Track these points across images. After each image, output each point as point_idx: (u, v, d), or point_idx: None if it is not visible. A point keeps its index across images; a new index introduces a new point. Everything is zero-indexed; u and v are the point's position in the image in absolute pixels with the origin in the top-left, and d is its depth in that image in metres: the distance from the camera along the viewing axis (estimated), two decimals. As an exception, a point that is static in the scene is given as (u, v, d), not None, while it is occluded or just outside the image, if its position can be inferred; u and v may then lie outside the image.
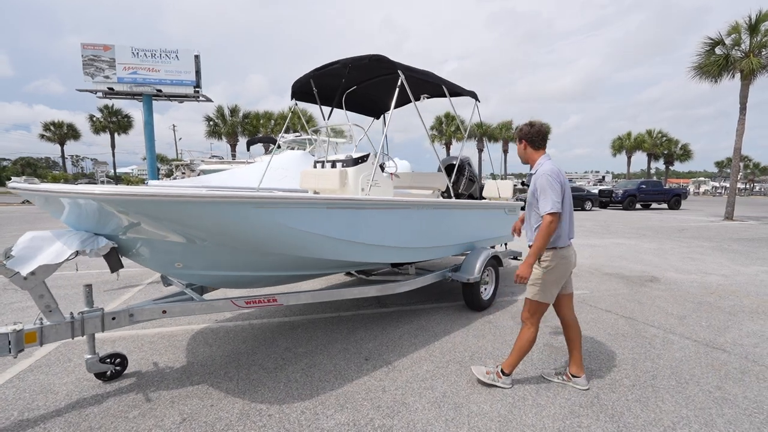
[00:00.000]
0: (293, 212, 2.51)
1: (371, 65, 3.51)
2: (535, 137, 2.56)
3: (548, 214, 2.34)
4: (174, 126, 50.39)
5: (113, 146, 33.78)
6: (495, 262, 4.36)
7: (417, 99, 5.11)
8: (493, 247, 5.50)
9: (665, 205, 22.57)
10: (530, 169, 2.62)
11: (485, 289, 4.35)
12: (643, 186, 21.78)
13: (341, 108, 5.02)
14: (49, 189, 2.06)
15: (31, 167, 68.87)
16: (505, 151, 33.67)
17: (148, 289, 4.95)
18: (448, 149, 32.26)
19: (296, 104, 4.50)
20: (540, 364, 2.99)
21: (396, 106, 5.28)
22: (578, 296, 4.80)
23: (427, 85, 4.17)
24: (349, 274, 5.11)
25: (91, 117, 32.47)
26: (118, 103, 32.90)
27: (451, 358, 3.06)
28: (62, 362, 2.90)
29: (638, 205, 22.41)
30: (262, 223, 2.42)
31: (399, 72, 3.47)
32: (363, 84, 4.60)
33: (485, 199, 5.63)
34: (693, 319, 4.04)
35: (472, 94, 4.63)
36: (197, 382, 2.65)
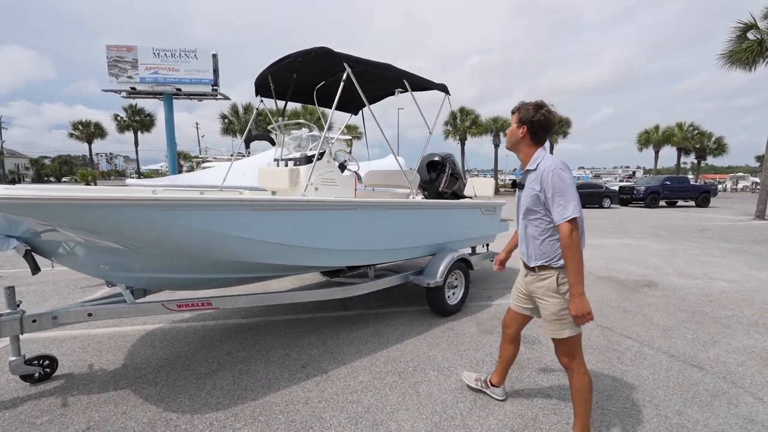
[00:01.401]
0: (208, 215, 2.40)
1: (319, 58, 3.35)
2: (540, 128, 1.95)
3: (569, 221, 1.78)
4: (197, 124, 51.86)
5: (136, 144, 35.15)
6: (463, 265, 4.12)
7: (391, 94, 4.92)
8: (473, 249, 5.27)
9: (693, 203, 21.25)
10: (521, 164, 2.07)
11: (453, 293, 4.13)
12: (668, 182, 20.56)
13: (312, 103, 4.89)
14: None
15: (67, 165, 72.85)
16: (523, 146, 32.49)
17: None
18: (462, 145, 31.51)
19: (262, 100, 4.40)
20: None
21: (368, 103, 5.11)
22: (559, 302, 4.50)
23: (388, 78, 3.95)
24: (323, 273, 5.00)
25: (116, 116, 33.87)
26: (142, 102, 34.09)
27: (392, 369, 2.89)
28: (2, 362, 2.93)
29: (663, 203, 21.22)
30: (174, 226, 2.32)
31: (345, 65, 3.29)
32: (332, 79, 4.43)
33: (468, 197, 5.37)
34: (679, 330, 3.68)
35: (442, 88, 4.38)
36: (122, 387, 2.61)
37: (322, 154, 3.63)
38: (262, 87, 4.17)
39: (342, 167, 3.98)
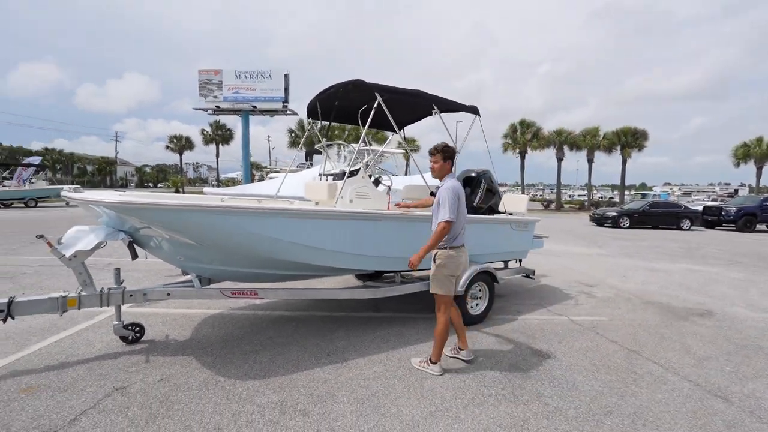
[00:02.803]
0: (258, 220, 3.00)
1: (354, 89, 3.87)
2: (451, 157, 3.11)
3: (444, 221, 2.88)
4: (269, 137, 56.99)
5: (217, 155, 39.78)
6: (488, 278, 4.30)
7: (429, 114, 5.30)
8: (505, 263, 5.36)
9: (803, 228, 18.10)
10: (439, 183, 3.16)
11: (477, 304, 4.31)
12: (768, 203, 17.83)
13: (356, 124, 5.45)
14: (80, 197, 2.87)
15: (163, 172, 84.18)
16: (590, 160, 30.39)
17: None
18: (522, 159, 30.40)
19: (311, 122, 5.07)
20: (494, 384, 2.96)
21: (405, 124, 5.56)
22: (590, 323, 4.44)
23: (420, 103, 4.34)
24: (358, 277, 5.47)
25: (202, 131, 38.85)
26: (224, 118, 38.49)
27: (405, 364, 3.21)
28: (110, 325, 3.81)
29: (765, 226, 18.38)
30: (233, 228, 2.94)
31: (376, 95, 3.76)
32: (371, 104, 4.95)
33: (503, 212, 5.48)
34: (717, 362, 3.47)
35: (472, 110, 4.65)
36: (187, 354, 3.29)
37: (357, 171, 4.12)
38: (312, 112, 4.84)
39: (377, 182, 4.44)
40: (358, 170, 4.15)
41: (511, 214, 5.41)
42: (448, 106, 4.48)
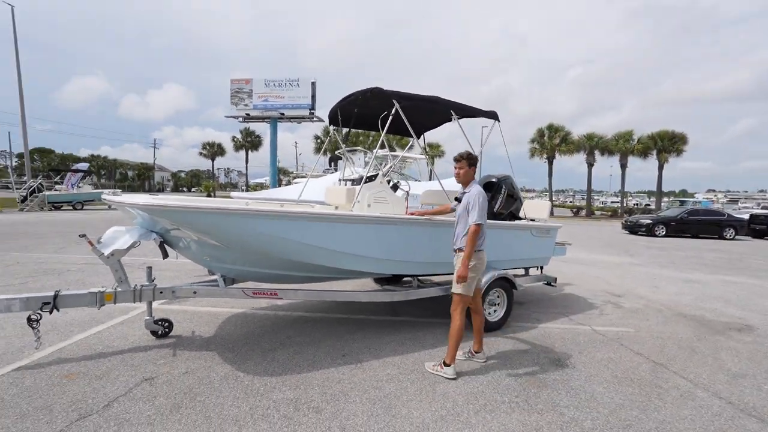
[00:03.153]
0: (278, 223, 3.13)
1: (373, 96, 3.97)
2: (476, 164, 3.25)
3: (476, 224, 3.00)
4: (296, 143, 58.50)
5: (247, 161, 41.36)
6: (506, 284, 4.24)
7: (448, 120, 5.33)
8: (526, 270, 5.26)
9: None
10: (463, 189, 3.26)
11: (495, 310, 4.26)
12: (824, 212, 16.42)
13: (376, 130, 5.54)
14: (117, 200, 3.11)
15: (196, 177, 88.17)
16: (623, 166, 29.10)
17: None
18: (550, 164, 29.54)
19: (333, 129, 5.21)
20: (507, 391, 2.93)
21: (426, 129, 5.60)
22: (614, 334, 4.28)
23: (438, 109, 4.38)
24: (376, 280, 5.54)
25: (233, 138, 40.61)
26: (253, 126, 39.94)
27: (418, 368, 3.23)
28: (142, 320, 4.06)
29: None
30: (250, 230, 3.09)
31: (394, 101, 3.84)
32: (390, 110, 5.04)
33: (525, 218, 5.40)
34: (754, 380, 3.26)
35: (491, 115, 4.63)
36: (211, 349, 3.46)
37: (375, 176, 4.20)
38: (333, 119, 4.98)
39: (395, 187, 4.50)
40: (376, 175, 4.24)
41: (532, 220, 5.32)
42: (467, 112, 4.49)
